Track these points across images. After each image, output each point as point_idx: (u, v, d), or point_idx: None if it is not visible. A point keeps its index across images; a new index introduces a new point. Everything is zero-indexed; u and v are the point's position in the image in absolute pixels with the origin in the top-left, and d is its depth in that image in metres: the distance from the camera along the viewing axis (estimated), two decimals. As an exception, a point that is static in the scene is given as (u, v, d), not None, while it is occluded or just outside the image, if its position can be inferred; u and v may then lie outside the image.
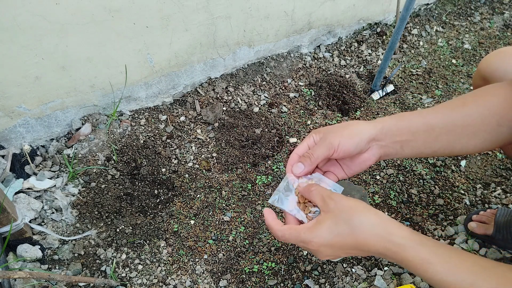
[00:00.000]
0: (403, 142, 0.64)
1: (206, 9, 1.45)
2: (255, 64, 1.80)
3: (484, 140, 0.63)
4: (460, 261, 0.51)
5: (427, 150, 0.65)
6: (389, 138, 0.63)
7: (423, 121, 0.63)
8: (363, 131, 0.62)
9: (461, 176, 1.43)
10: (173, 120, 1.60)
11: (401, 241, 0.53)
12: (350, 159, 0.66)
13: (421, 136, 0.63)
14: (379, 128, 0.63)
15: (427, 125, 0.63)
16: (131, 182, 1.38)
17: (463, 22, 2.23)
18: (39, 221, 1.24)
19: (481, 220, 1.19)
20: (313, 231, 0.56)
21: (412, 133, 0.63)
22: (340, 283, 1.14)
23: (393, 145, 0.64)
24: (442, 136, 0.63)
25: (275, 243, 1.25)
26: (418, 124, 0.63)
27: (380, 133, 0.63)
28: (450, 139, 0.63)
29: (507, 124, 0.62)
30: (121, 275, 1.17)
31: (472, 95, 0.65)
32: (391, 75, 1.72)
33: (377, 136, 0.63)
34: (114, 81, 1.45)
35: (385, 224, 0.55)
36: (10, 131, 1.34)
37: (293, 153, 0.67)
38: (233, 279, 1.17)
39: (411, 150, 0.64)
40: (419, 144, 0.64)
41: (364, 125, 0.63)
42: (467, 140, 0.63)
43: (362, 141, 0.62)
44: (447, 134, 0.63)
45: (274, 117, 1.65)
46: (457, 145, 0.64)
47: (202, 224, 1.30)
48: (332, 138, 0.61)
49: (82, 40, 1.27)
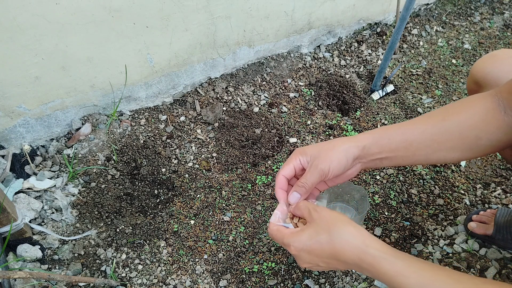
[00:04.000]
0: (382, 159, 0.68)
1: (206, 9, 1.45)
2: (255, 64, 1.80)
3: (462, 153, 0.66)
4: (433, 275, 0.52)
5: (404, 163, 0.69)
6: (370, 156, 0.68)
7: (403, 138, 0.66)
8: (349, 153, 0.66)
9: (461, 176, 1.43)
10: (173, 120, 1.60)
11: (376, 253, 0.55)
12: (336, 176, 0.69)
13: (400, 152, 0.67)
14: (361, 148, 0.66)
15: (406, 142, 0.66)
16: (131, 182, 1.38)
17: (463, 22, 2.23)
18: (39, 221, 1.24)
19: (481, 220, 1.19)
20: (294, 236, 0.60)
21: (391, 150, 0.67)
22: (340, 283, 1.14)
23: (373, 161, 0.69)
24: (420, 150, 0.66)
25: (275, 243, 1.25)
26: (397, 141, 0.66)
27: (362, 152, 0.67)
28: (427, 152, 0.66)
29: (486, 137, 0.63)
30: (121, 275, 1.17)
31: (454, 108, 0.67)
32: (391, 75, 1.72)
33: (360, 155, 0.67)
34: (114, 81, 1.45)
35: (362, 237, 0.57)
36: (10, 131, 1.34)
37: (279, 175, 0.69)
38: (233, 279, 1.17)
39: (389, 163, 0.69)
40: (398, 159, 0.68)
41: (348, 145, 0.66)
42: (445, 154, 0.66)
43: (348, 163, 0.66)
44: (425, 149, 0.66)
45: (274, 117, 1.65)
46: (434, 157, 0.67)
47: (202, 224, 1.30)
48: (322, 164, 0.64)
49: (82, 40, 1.27)
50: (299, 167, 0.69)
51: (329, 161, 0.64)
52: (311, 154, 0.67)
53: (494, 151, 0.67)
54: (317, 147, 0.68)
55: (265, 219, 1.32)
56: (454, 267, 1.13)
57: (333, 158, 0.64)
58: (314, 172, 0.65)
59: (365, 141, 0.67)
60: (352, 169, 0.69)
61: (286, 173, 0.69)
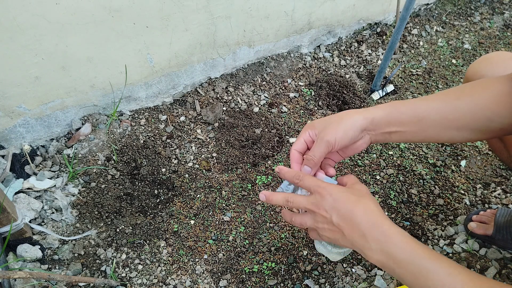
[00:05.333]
0: (392, 133, 0.67)
1: (206, 9, 1.45)
2: (255, 64, 1.80)
3: (472, 133, 0.65)
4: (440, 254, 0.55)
5: (414, 139, 0.68)
6: (379, 129, 0.67)
7: (413, 113, 0.66)
8: (356, 125, 0.65)
9: (461, 176, 1.43)
10: (173, 120, 1.60)
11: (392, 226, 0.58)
12: (345, 147, 0.70)
13: (410, 127, 0.66)
14: (369, 120, 0.66)
15: (416, 117, 0.65)
16: (131, 182, 1.38)
17: (463, 22, 2.23)
18: (39, 221, 1.24)
19: (481, 220, 1.19)
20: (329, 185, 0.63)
21: (401, 125, 0.66)
22: (340, 283, 1.14)
23: (382, 135, 0.68)
24: (430, 127, 0.66)
25: (275, 243, 1.25)
26: (408, 116, 0.66)
27: (370, 124, 0.67)
28: (438, 130, 0.66)
29: (497, 120, 0.63)
30: (121, 275, 1.17)
31: (469, 88, 0.66)
32: (391, 75, 1.72)
33: (368, 127, 0.67)
34: (114, 81, 1.45)
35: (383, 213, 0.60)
36: (10, 131, 1.34)
37: (293, 150, 0.71)
38: (233, 279, 1.17)
39: (398, 138, 0.68)
40: (407, 134, 0.67)
41: (355, 117, 0.66)
42: (455, 133, 0.66)
43: (355, 134, 0.66)
44: (435, 126, 0.65)
45: (274, 117, 1.65)
46: (445, 136, 0.67)
47: (202, 224, 1.30)
48: (329, 135, 0.65)
49: (82, 40, 1.27)
50: (309, 140, 0.70)
51: (335, 132, 0.65)
52: (319, 126, 0.68)
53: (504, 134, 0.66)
54: (325, 119, 0.68)
55: (265, 219, 1.32)
56: (454, 267, 1.13)
57: (339, 129, 0.65)
58: (320, 144, 0.66)
59: (374, 114, 0.66)
60: (360, 141, 0.69)
61: (298, 148, 0.71)
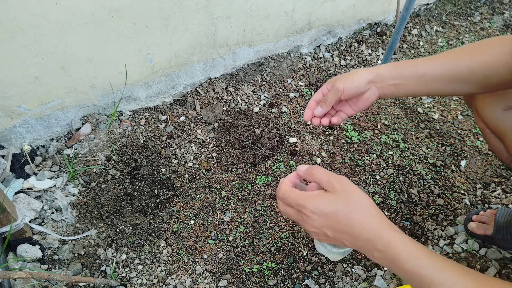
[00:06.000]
0: (396, 85, 0.76)
1: (206, 9, 1.45)
2: (255, 64, 1.80)
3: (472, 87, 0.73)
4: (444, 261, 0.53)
5: (419, 92, 0.77)
6: (384, 82, 0.76)
7: (414, 70, 0.74)
8: (362, 77, 0.76)
9: (461, 176, 1.43)
10: (173, 120, 1.60)
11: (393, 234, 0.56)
12: (356, 99, 0.80)
13: (412, 82, 0.75)
14: (374, 74, 0.76)
15: (417, 74, 0.74)
16: (131, 182, 1.38)
17: (463, 22, 2.23)
18: (39, 221, 1.24)
19: (481, 220, 1.19)
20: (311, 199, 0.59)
21: (404, 78, 0.75)
22: (340, 283, 1.14)
23: (388, 87, 0.77)
24: (432, 83, 0.74)
25: (275, 243, 1.25)
26: (409, 72, 0.75)
27: (375, 77, 0.76)
28: (439, 85, 0.74)
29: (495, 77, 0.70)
30: (121, 275, 1.17)
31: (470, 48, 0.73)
32: (391, 75, 1.72)
33: (374, 79, 0.76)
34: (114, 81, 1.45)
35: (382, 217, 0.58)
36: (10, 131, 1.34)
37: (311, 100, 0.83)
38: (233, 279, 1.17)
39: (404, 92, 0.77)
40: (411, 88, 0.76)
41: (363, 72, 0.76)
42: (455, 86, 0.74)
43: (361, 85, 0.76)
44: (436, 81, 0.74)
45: (274, 117, 1.65)
46: (447, 90, 0.75)
47: (202, 224, 1.30)
48: (338, 85, 0.76)
49: (82, 40, 1.27)
50: (326, 92, 0.81)
51: (344, 82, 0.76)
52: (334, 80, 0.79)
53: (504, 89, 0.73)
54: (341, 75, 0.79)
55: (265, 219, 1.32)
56: (454, 267, 1.13)
57: (347, 80, 0.76)
58: (332, 90, 0.78)
59: (379, 70, 0.76)
60: (368, 92, 0.78)
61: (316, 98, 0.82)
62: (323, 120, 0.82)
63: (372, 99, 0.79)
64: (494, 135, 0.92)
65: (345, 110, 0.83)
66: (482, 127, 0.95)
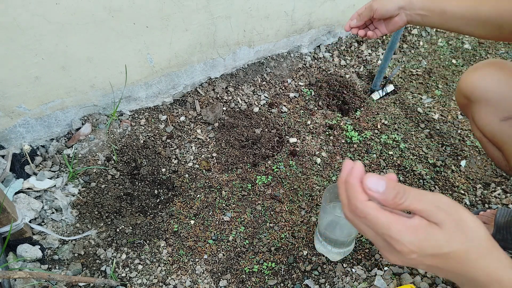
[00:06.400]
0: (422, 16, 0.88)
1: (206, 9, 1.45)
2: (255, 64, 1.80)
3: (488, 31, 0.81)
4: None
5: (440, 26, 0.87)
6: (413, 10, 0.88)
7: (440, 6, 0.85)
8: (395, 2, 0.89)
9: (461, 176, 1.43)
10: (173, 120, 1.60)
11: None
12: (388, 20, 0.94)
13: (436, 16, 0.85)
14: (407, 2, 0.88)
15: (441, 9, 0.85)
16: (131, 182, 1.38)
17: (463, 22, 2.23)
18: (39, 221, 1.24)
19: (481, 220, 1.19)
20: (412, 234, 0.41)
21: (429, 11, 0.86)
22: (340, 283, 1.14)
23: (415, 16, 0.89)
24: (452, 20, 0.84)
25: (275, 243, 1.25)
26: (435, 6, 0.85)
27: (407, 5, 0.88)
28: (459, 23, 0.84)
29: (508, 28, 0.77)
30: (121, 275, 1.17)
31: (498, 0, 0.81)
32: (391, 75, 1.72)
33: (405, 6, 0.89)
34: (114, 81, 1.45)
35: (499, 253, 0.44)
36: (10, 131, 1.34)
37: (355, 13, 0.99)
38: (233, 279, 1.17)
39: (429, 23, 0.88)
40: (435, 20, 0.86)
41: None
42: (473, 28, 0.83)
43: (392, 8, 0.89)
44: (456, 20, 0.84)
45: (274, 117, 1.65)
46: (465, 29, 0.84)
47: (202, 224, 1.30)
48: (373, 4, 0.91)
49: (82, 40, 1.27)
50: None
51: (379, 3, 0.90)
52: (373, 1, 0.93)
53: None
54: None
55: (265, 219, 1.32)
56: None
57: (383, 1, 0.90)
58: (367, 8, 0.94)
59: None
60: (397, 17, 0.91)
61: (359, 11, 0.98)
62: (360, 32, 0.99)
63: (400, 23, 0.91)
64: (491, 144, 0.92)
65: (381, 29, 0.98)
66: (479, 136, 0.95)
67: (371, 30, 1.00)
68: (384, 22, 0.96)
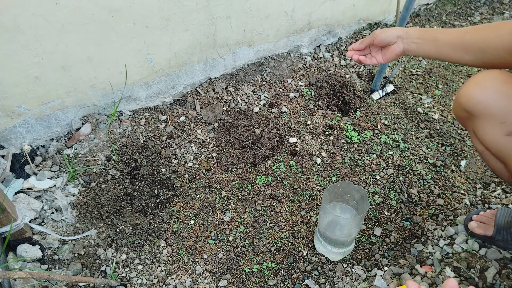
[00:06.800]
0: (417, 44, 0.95)
1: (206, 9, 1.45)
2: (255, 64, 1.80)
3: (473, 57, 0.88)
4: None
5: (434, 54, 0.94)
6: (409, 39, 0.96)
7: (433, 35, 0.93)
8: (394, 31, 0.98)
9: (461, 176, 1.43)
10: (173, 120, 1.60)
11: None
12: (386, 48, 1.01)
13: (429, 44, 0.94)
14: (404, 31, 0.97)
15: (433, 38, 0.93)
16: (131, 182, 1.38)
17: (463, 22, 2.23)
18: (39, 221, 1.24)
19: (481, 220, 1.19)
20: None
21: (424, 40, 0.94)
22: (340, 283, 1.14)
23: (411, 44, 0.96)
24: (442, 47, 0.92)
25: (275, 243, 1.25)
26: (429, 35, 0.94)
27: (404, 34, 0.96)
28: (448, 50, 0.91)
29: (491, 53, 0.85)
30: (121, 275, 1.17)
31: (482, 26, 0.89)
32: (391, 75, 1.72)
33: (402, 35, 0.97)
34: (114, 81, 1.45)
35: None
36: (10, 131, 1.34)
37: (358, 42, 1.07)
38: (233, 279, 1.17)
39: (423, 51, 0.95)
40: (428, 48, 0.94)
41: (397, 28, 0.98)
42: (461, 54, 0.89)
43: (392, 35, 0.97)
44: (446, 47, 0.91)
45: (274, 117, 1.65)
46: (454, 57, 0.91)
47: (202, 224, 1.30)
48: (376, 31, 1.00)
49: (82, 40, 1.27)
50: None
51: (380, 31, 0.99)
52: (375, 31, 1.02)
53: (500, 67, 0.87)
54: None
55: (265, 219, 1.32)
56: (454, 267, 1.13)
57: (384, 30, 0.99)
58: (369, 35, 1.02)
59: (409, 30, 0.97)
60: (395, 45, 0.98)
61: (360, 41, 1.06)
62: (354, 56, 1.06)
63: (396, 51, 0.99)
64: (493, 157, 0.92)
65: (377, 57, 1.05)
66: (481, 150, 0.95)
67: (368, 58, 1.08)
68: (382, 50, 1.03)
